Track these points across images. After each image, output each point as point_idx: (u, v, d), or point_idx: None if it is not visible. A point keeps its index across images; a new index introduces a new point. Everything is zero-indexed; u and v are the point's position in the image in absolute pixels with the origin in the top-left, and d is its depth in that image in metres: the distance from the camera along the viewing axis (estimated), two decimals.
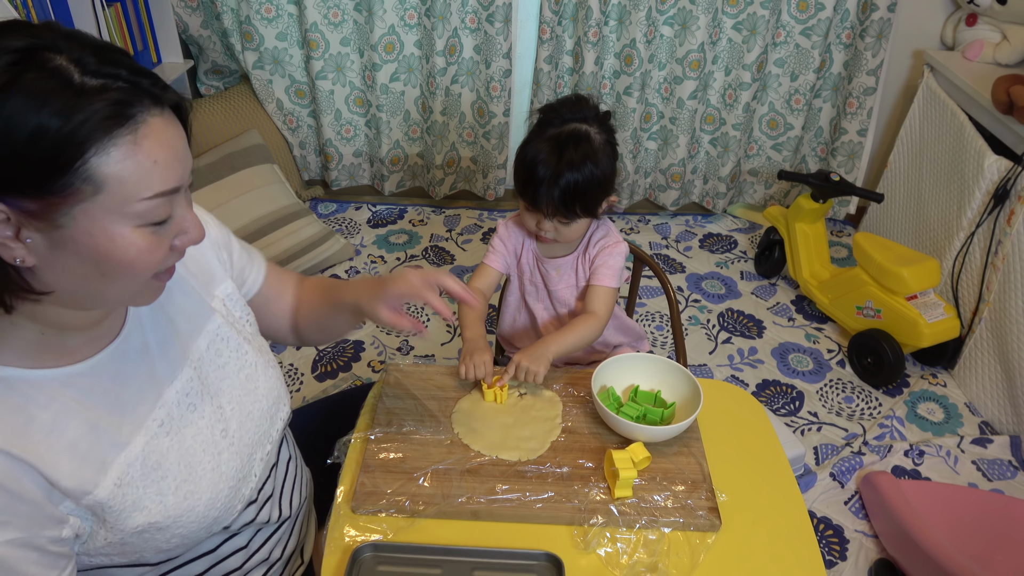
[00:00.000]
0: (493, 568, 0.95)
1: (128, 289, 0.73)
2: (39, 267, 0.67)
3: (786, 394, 2.21)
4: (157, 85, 0.68)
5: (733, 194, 3.01)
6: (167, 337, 0.86)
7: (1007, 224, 2.01)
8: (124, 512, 0.77)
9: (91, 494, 0.74)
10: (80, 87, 0.63)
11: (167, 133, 0.68)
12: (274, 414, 0.98)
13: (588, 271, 1.39)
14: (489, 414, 1.17)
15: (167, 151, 0.68)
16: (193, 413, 0.86)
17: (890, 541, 1.72)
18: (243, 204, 2.43)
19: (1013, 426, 2.03)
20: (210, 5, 2.57)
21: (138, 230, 0.68)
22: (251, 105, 2.74)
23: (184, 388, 0.86)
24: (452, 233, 2.90)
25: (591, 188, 1.25)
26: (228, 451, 0.88)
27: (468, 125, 2.86)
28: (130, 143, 0.65)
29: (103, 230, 0.66)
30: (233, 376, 0.93)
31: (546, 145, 1.25)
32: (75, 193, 0.64)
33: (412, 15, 2.62)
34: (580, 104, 1.28)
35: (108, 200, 0.65)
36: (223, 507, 0.87)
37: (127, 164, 0.65)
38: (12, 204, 0.63)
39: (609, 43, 2.61)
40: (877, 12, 2.51)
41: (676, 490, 1.05)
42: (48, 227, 0.65)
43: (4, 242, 0.65)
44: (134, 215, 0.67)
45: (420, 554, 0.95)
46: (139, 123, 0.65)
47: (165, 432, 0.82)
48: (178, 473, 0.82)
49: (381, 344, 2.33)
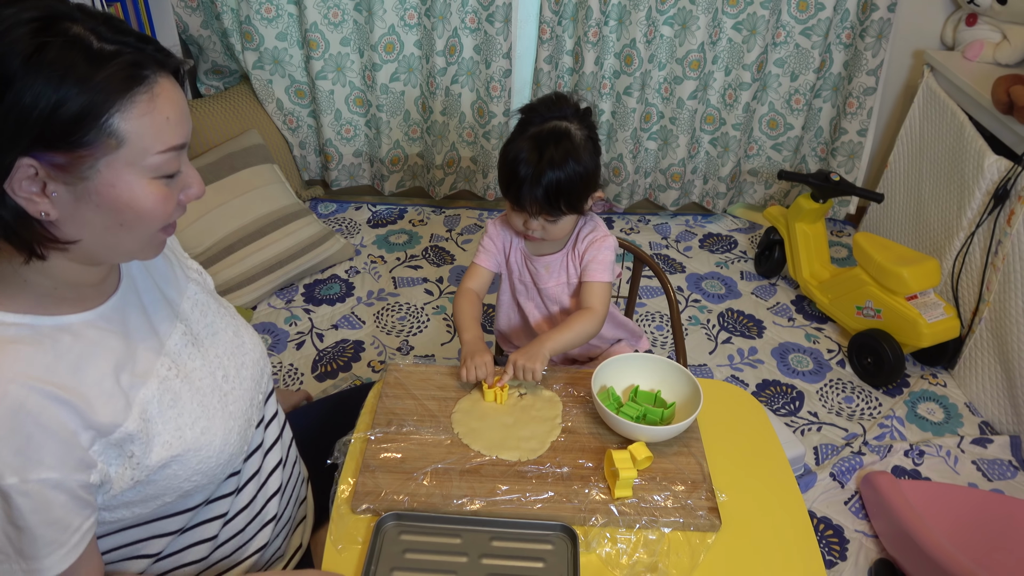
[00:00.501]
0: (510, 538, 0.98)
1: (140, 241, 0.79)
2: (61, 220, 0.73)
3: (786, 394, 2.21)
4: (160, 51, 0.75)
5: (733, 194, 3.01)
6: (156, 299, 0.92)
7: (1007, 224, 2.01)
8: (148, 445, 0.82)
9: (122, 426, 0.79)
10: (99, 52, 0.69)
11: (174, 93, 0.75)
12: (263, 367, 1.04)
13: (579, 268, 1.39)
14: (489, 414, 1.17)
15: (176, 109, 0.75)
16: (194, 361, 0.92)
17: (890, 541, 1.72)
18: (243, 204, 2.43)
19: (1013, 426, 2.03)
20: (210, 5, 2.57)
21: (153, 182, 0.75)
22: (251, 105, 2.74)
23: (181, 341, 0.92)
24: (452, 233, 2.90)
25: (574, 185, 1.25)
26: (232, 394, 0.94)
27: (468, 125, 2.86)
28: (147, 100, 0.72)
29: (124, 181, 0.73)
30: (221, 332, 0.99)
31: (527, 144, 1.24)
32: (101, 146, 0.70)
33: (412, 15, 2.62)
34: (560, 102, 1.28)
35: (129, 153, 0.72)
36: (235, 444, 0.92)
37: (145, 120, 0.72)
38: (42, 159, 0.69)
39: (609, 43, 2.61)
40: (877, 12, 2.51)
41: (676, 490, 1.05)
42: (74, 180, 0.71)
43: (31, 197, 0.70)
44: (150, 168, 0.74)
45: (441, 523, 0.99)
46: (152, 83, 0.72)
47: (175, 375, 0.88)
48: (192, 411, 0.87)
49: (381, 344, 2.33)
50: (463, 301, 1.39)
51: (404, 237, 2.87)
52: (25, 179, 0.69)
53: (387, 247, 2.80)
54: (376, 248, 2.79)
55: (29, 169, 0.69)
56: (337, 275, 2.63)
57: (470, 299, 1.40)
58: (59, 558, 0.76)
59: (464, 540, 0.97)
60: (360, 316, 2.44)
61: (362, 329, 2.39)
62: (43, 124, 0.67)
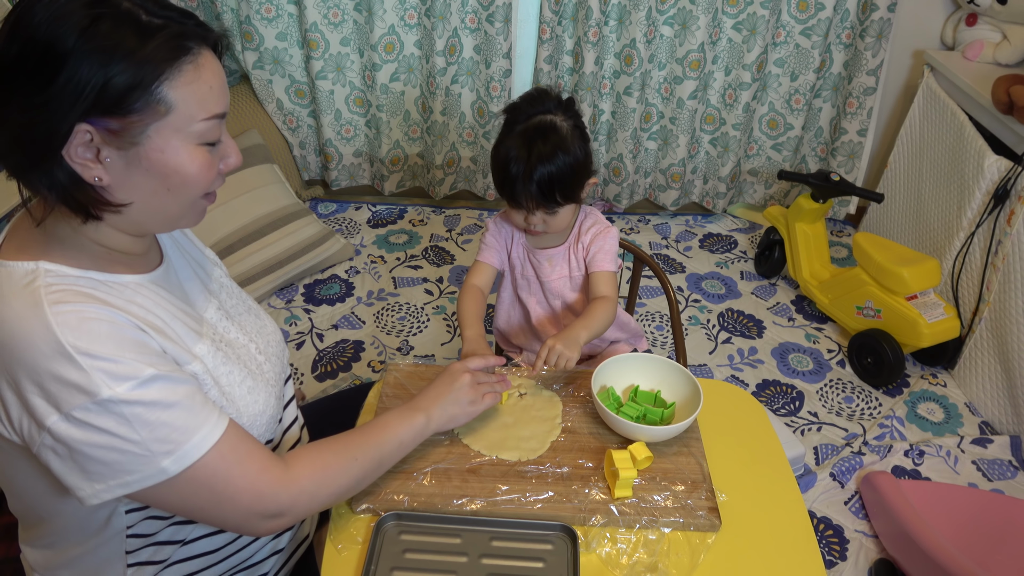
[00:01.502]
0: (510, 538, 0.98)
1: (184, 206, 0.83)
2: (112, 185, 0.78)
3: (786, 394, 2.21)
4: (201, 25, 0.80)
5: (733, 194, 3.01)
6: (190, 276, 0.99)
7: (1007, 224, 2.01)
8: (212, 389, 0.87)
9: (189, 364, 0.85)
10: (148, 25, 0.74)
11: (215, 64, 0.80)
12: (283, 349, 1.09)
13: (582, 260, 1.40)
14: (489, 414, 1.17)
15: (218, 79, 0.80)
16: (230, 334, 0.97)
17: (890, 541, 1.72)
18: (243, 204, 2.43)
19: (1013, 426, 2.03)
20: (210, 5, 2.57)
21: (198, 148, 0.80)
22: (251, 105, 2.74)
23: (216, 315, 0.97)
24: (452, 233, 2.90)
25: (566, 176, 1.26)
26: (267, 364, 1.01)
27: (468, 125, 2.86)
28: (192, 70, 0.77)
29: (172, 146, 0.78)
30: (246, 314, 1.05)
31: (515, 142, 1.26)
32: (151, 113, 0.75)
33: (412, 15, 2.62)
34: (542, 97, 1.30)
35: (177, 119, 0.77)
36: (274, 407, 0.98)
37: (191, 88, 0.77)
38: (98, 124, 0.74)
39: (609, 43, 2.61)
40: (877, 12, 2.51)
41: (676, 490, 1.05)
42: (126, 145, 0.76)
43: (85, 163, 0.75)
44: (196, 134, 0.79)
45: (441, 523, 0.99)
46: (196, 54, 0.77)
47: (219, 339, 0.94)
48: (240, 371, 0.93)
49: (381, 344, 2.33)
50: (467, 298, 1.40)
51: (404, 237, 2.87)
52: (80, 145, 0.74)
53: (387, 247, 2.80)
54: (376, 248, 2.79)
55: (85, 135, 0.74)
56: (337, 275, 2.62)
57: (474, 296, 1.41)
58: (218, 418, 0.82)
59: (464, 540, 0.97)
60: (360, 316, 2.44)
61: (362, 329, 2.39)
62: (98, 93, 0.72)
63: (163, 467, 0.77)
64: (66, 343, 0.73)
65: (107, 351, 0.74)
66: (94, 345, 0.74)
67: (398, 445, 0.99)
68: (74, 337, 0.73)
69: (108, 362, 0.74)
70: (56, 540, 0.92)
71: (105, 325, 0.76)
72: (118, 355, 0.75)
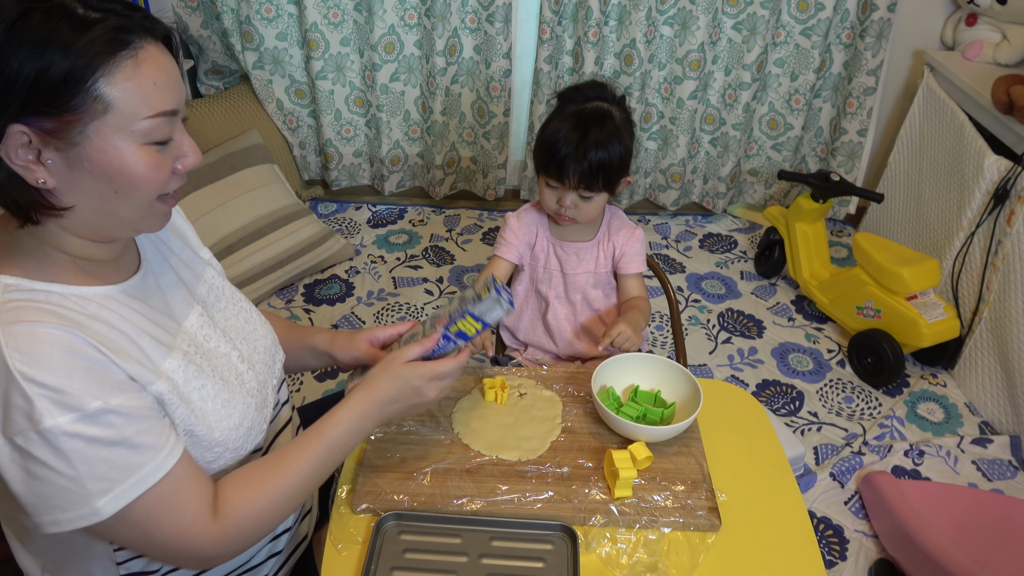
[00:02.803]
0: (510, 538, 0.98)
1: (137, 209, 0.80)
2: (59, 188, 0.75)
3: (786, 394, 2.21)
4: (148, 19, 0.77)
5: (733, 194, 3.01)
6: (173, 281, 0.95)
7: (1007, 224, 2.01)
8: (178, 408, 0.84)
9: (153, 384, 0.81)
10: (83, 18, 0.71)
11: (162, 59, 0.76)
12: (274, 353, 1.06)
13: (610, 258, 1.45)
14: (489, 414, 1.17)
15: (164, 75, 0.76)
16: (210, 343, 0.94)
17: (890, 541, 1.72)
18: (243, 204, 2.43)
19: (1013, 426, 2.03)
20: (210, 5, 2.57)
21: (144, 148, 0.76)
22: (251, 105, 2.74)
23: (198, 323, 0.93)
24: (452, 233, 2.90)
25: (615, 162, 1.31)
26: (248, 373, 0.96)
27: (468, 125, 2.86)
28: (131, 66, 0.73)
29: (114, 147, 0.74)
30: (234, 318, 1.01)
31: (571, 120, 1.31)
32: (88, 111, 0.72)
33: (412, 15, 2.62)
34: (601, 86, 1.36)
35: (116, 118, 0.73)
36: (251, 421, 0.93)
37: (130, 84, 0.73)
38: (33, 124, 0.71)
39: (609, 43, 2.61)
40: (877, 12, 2.51)
41: (676, 490, 1.05)
42: (66, 146, 0.72)
43: (27, 164, 0.72)
44: (139, 133, 0.75)
45: (441, 523, 0.99)
46: (137, 48, 0.74)
47: (195, 351, 0.90)
48: (214, 384, 0.89)
49: None
50: None
51: (404, 237, 2.87)
52: (20, 147, 0.71)
53: (387, 247, 2.80)
54: (376, 248, 2.79)
55: (21, 136, 0.71)
56: (337, 275, 2.62)
57: None
58: (163, 458, 0.79)
59: (464, 540, 0.97)
60: (360, 316, 2.44)
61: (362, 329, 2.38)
62: (30, 89, 0.69)
63: (97, 507, 0.75)
64: (13, 368, 0.70)
65: (54, 379, 0.71)
66: (42, 372, 0.71)
67: (344, 433, 0.94)
68: (22, 362, 0.71)
69: (53, 391, 0.71)
70: (44, 549, 0.91)
71: (58, 351, 0.73)
72: (66, 384, 0.72)
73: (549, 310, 1.48)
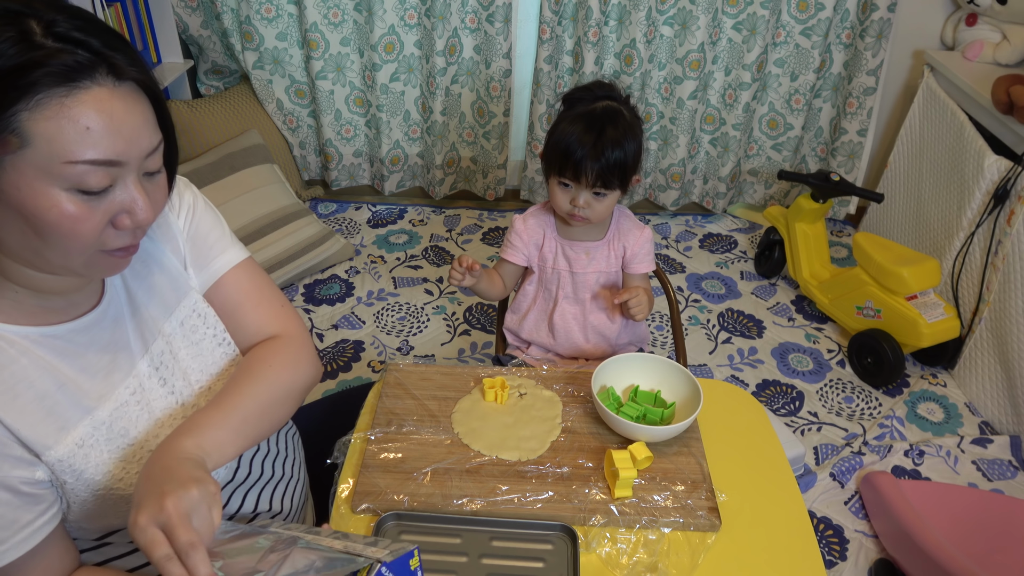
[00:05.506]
0: (510, 538, 0.98)
1: (72, 257, 0.72)
2: None
3: (786, 394, 2.21)
4: (125, 60, 0.70)
5: (733, 194, 3.01)
6: (142, 311, 0.88)
7: (1007, 224, 2.01)
8: (86, 472, 0.78)
9: (51, 450, 0.76)
10: (33, 43, 0.65)
11: (113, 104, 0.69)
12: None
13: (620, 258, 1.47)
14: (489, 414, 1.17)
15: (105, 121, 0.68)
16: (163, 387, 0.88)
17: (890, 541, 1.72)
18: (243, 204, 2.43)
19: (1013, 426, 2.03)
20: (210, 5, 2.57)
21: (67, 194, 0.69)
22: (251, 105, 2.74)
23: (156, 362, 0.88)
24: (452, 233, 2.90)
25: (628, 160, 1.33)
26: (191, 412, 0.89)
27: (468, 125, 2.86)
28: (58, 104, 0.66)
29: (29, 185, 0.67)
30: (207, 354, 0.94)
31: (583, 120, 1.32)
32: (3, 142, 0.65)
33: (412, 15, 2.62)
34: (608, 86, 1.38)
35: (35, 156, 0.66)
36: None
37: (52, 124, 0.66)
38: None
39: (609, 43, 2.61)
40: (877, 12, 2.51)
41: (676, 490, 1.05)
42: None
43: None
44: (61, 177, 0.68)
45: (441, 523, 0.99)
46: (78, 88, 0.67)
47: (136, 401, 0.84)
48: (145, 443, 0.83)
49: (381, 344, 2.33)
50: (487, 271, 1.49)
51: (404, 237, 2.87)
52: None
53: (387, 247, 2.80)
54: (376, 248, 2.79)
55: None
56: (337, 275, 2.62)
57: (491, 274, 1.49)
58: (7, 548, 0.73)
59: (464, 540, 0.97)
60: (360, 316, 2.44)
61: (362, 329, 2.39)
62: None
63: None
64: None
65: None
66: None
67: None
68: None
69: None
70: None
71: None
72: None
73: (556, 309, 1.49)
